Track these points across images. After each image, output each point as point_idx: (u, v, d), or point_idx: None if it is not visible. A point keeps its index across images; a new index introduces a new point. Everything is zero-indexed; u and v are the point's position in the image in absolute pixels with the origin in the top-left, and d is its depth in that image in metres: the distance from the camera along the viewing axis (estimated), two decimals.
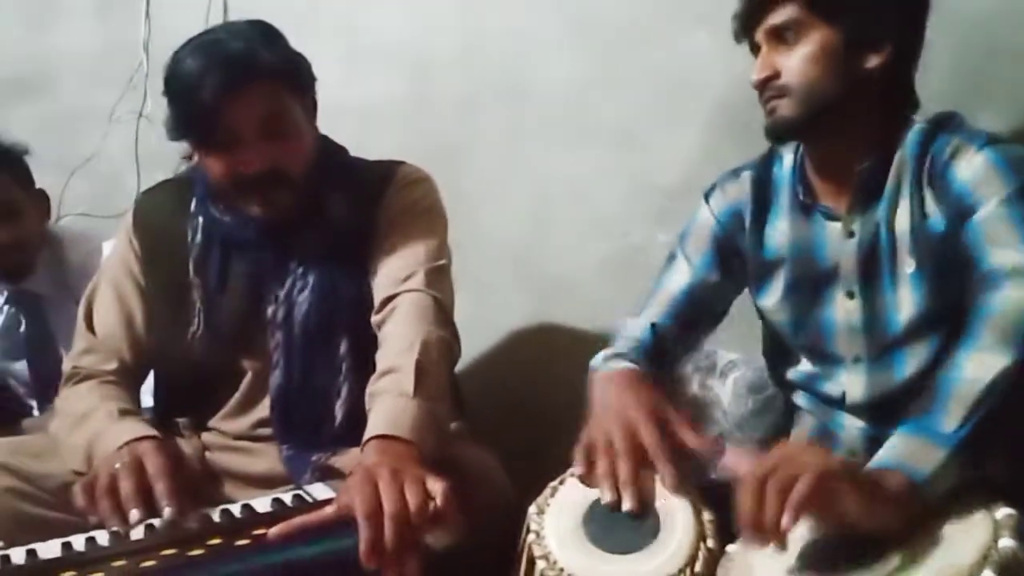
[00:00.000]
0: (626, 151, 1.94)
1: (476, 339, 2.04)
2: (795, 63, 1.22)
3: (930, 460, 0.99)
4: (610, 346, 1.38)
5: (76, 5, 2.34)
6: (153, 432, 1.35)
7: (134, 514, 1.19)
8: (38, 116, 2.37)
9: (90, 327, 1.51)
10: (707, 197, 1.43)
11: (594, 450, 1.15)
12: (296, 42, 1.46)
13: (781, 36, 1.23)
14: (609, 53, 1.93)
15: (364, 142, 1.58)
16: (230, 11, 2.15)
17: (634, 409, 1.16)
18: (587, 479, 1.14)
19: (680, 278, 1.41)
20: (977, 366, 1.02)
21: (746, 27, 1.27)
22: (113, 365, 1.48)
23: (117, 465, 1.25)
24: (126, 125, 2.24)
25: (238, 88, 1.33)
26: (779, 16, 1.22)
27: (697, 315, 1.41)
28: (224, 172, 1.39)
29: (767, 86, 1.24)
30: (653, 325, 1.38)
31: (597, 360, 1.35)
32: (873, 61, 1.22)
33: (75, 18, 2.33)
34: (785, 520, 0.93)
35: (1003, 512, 0.97)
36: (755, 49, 1.28)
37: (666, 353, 1.39)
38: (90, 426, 1.37)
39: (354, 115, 2.07)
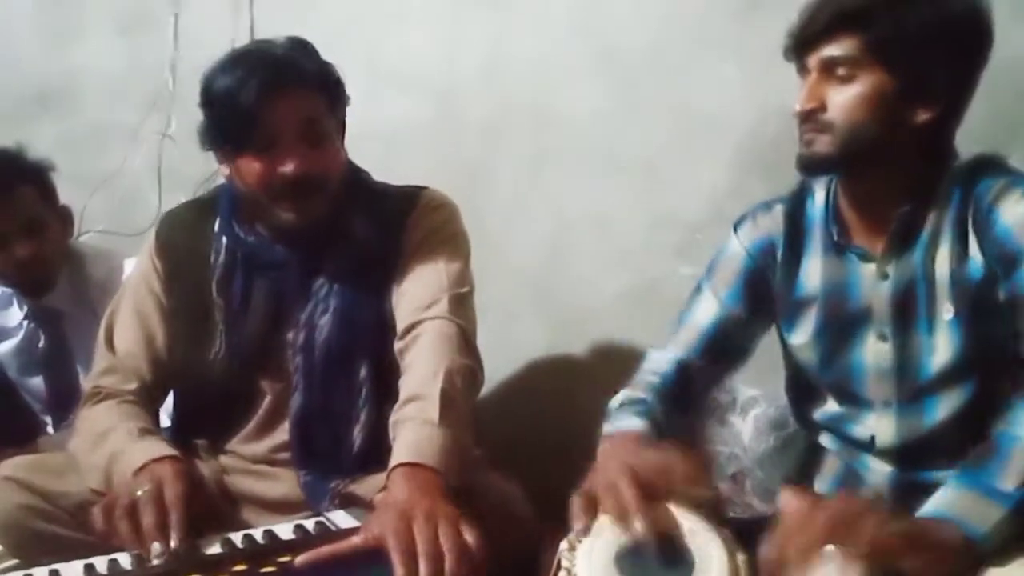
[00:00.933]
0: (648, 183, 1.94)
1: (492, 367, 2.02)
2: (843, 100, 1.18)
3: (988, 517, 0.98)
4: (631, 380, 1.35)
5: (102, 23, 2.36)
6: (173, 452, 1.34)
7: (155, 547, 1.18)
8: (61, 132, 2.38)
9: (111, 346, 1.51)
10: (736, 228, 1.39)
11: (595, 495, 1.10)
12: None
13: (833, 69, 1.19)
14: (634, 84, 1.94)
15: (387, 166, 1.59)
16: (256, 33, 2.17)
17: (635, 460, 1.11)
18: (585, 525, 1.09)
19: (707, 312, 1.37)
20: None
21: (799, 49, 1.23)
22: (134, 385, 1.47)
23: (139, 493, 1.24)
24: (149, 144, 2.25)
25: (279, 90, 1.34)
26: (837, 49, 1.18)
27: (724, 350, 1.38)
28: (261, 174, 1.38)
29: (810, 117, 1.21)
30: (679, 360, 1.35)
31: (614, 403, 1.32)
32: (923, 115, 1.18)
33: (101, 36, 2.35)
34: None
35: None
36: (801, 70, 1.24)
37: (690, 389, 1.36)
38: (109, 445, 1.36)
39: (378, 139, 2.08)
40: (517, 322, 2.09)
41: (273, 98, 1.34)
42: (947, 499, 1.00)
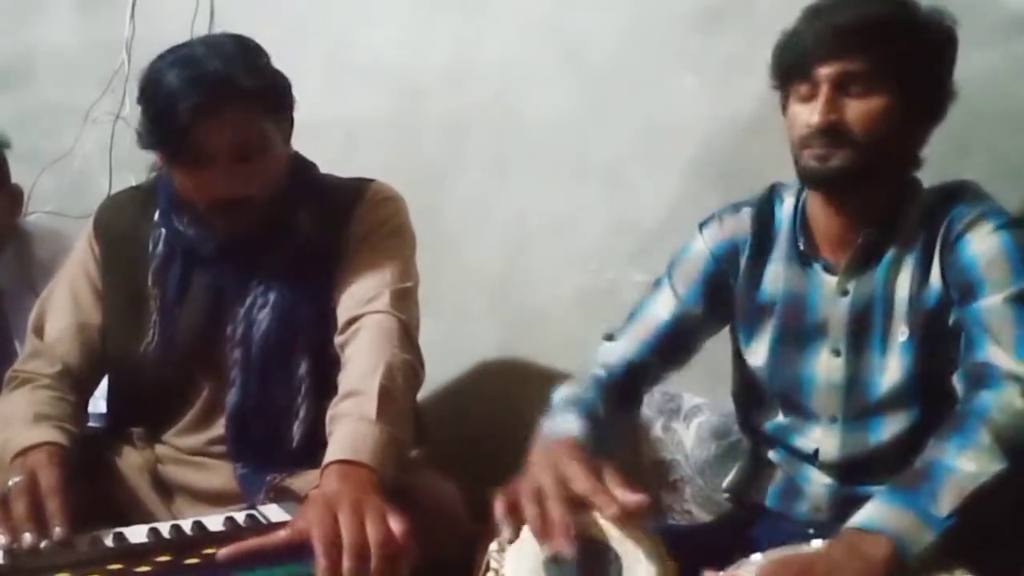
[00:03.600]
0: (608, 188, 1.94)
1: (444, 367, 2.02)
2: (863, 114, 1.18)
3: (921, 539, 0.99)
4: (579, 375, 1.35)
5: (60, 0, 2.31)
6: (54, 438, 1.30)
7: (26, 538, 1.14)
8: (13, 109, 2.32)
9: (40, 331, 1.48)
10: (702, 228, 1.38)
11: (519, 499, 1.08)
12: (283, 54, 1.44)
13: (847, 85, 1.18)
14: (598, 90, 1.94)
15: (346, 160, 1.57)
16: (216, 17, 2.13)
17: (566, 468, 1.09)
18: (511, 529, 1.07)
19: (664, 308, 1.37)
20: (972, 463, 1.02)
21: (806, 64, 1.20)
22: (55, 369, 1.43)
23: (10, 483, 1.21)
24: (102, 125, 2.21)
25: (213, 110, 1.30)
26: (855, 64, 1.17)
27: (675, 348, 1.37)
28: (190, 191, 1.37)
29: (828, 131, 1.19)
30: (629, 354, 1.34)
31: (557, 396, 1.31)
32: (920, 127, 1.22)
33: (58, 13, 2.30)
34: None
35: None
36: (792, 85, 1.23)
37: (636, 385, 1.36)
38: (6, 431, 1.33)
39: (338, 131, 2.06)
40: (471, 323, 2.08)
41: (206, 118, 1.30)
42: (882, 514, 1.01)
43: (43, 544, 1.14)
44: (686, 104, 1.84)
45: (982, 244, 1.17)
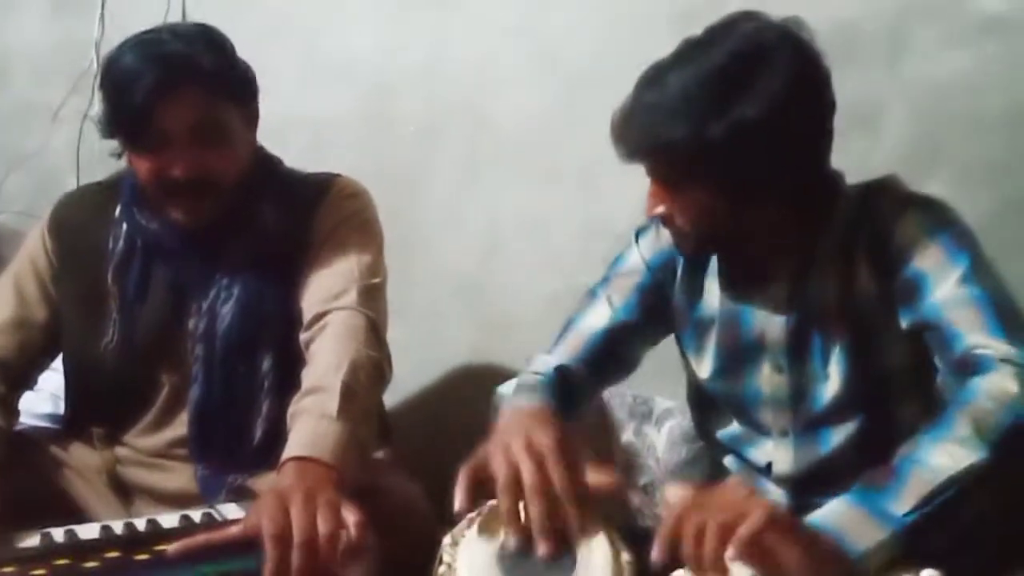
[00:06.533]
0: (582, 190, 1.94)
1: (416, 370, 2.00)
2: (683, 210, 1.15)
3: (869, 537, 0.95)
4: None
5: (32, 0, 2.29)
6: None
7: None
8: None
9: None
10: (638, 237, 1.35)
11: (487, 477, 1.05)
12: (255, 53, 1.43)
13: (662, 179, 1.16)
14: (572, 91, 1.93)
15: (317, 159, 1.56)
16: (188, 17, 2.12)
17: (540, 438, 1.06)
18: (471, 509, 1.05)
19: (597, 320, 1.32)
20: (943, 456, 0.98)
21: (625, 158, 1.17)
22: None
23: None
24: (70, 125, 2.19)
25: (171, 90, 1.29)
26: (652, 169, 1.16)
27: (609, 360, 1.33)
28: (150, 174, 1.35)
29: (663, 222, 1.19)
30: (559, 367, 1.27)
31: (505, 388, 1.28)
32: (765, 206, 1.15)
33: (29, 13, 2.28)
34: (730, 553, 0.90)
35: (928, 573, 0.95)
36: None
37: (571, 396, 1.28)
38: None
39: (309, 130, 2.05)
40: (444, 326, 2.06)
41: (164, 99, 1.29)
42: (832, 512, 0.98)
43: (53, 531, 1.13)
44: None
45: (909, 236, 1.13)
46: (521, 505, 1.03)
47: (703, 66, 1.10)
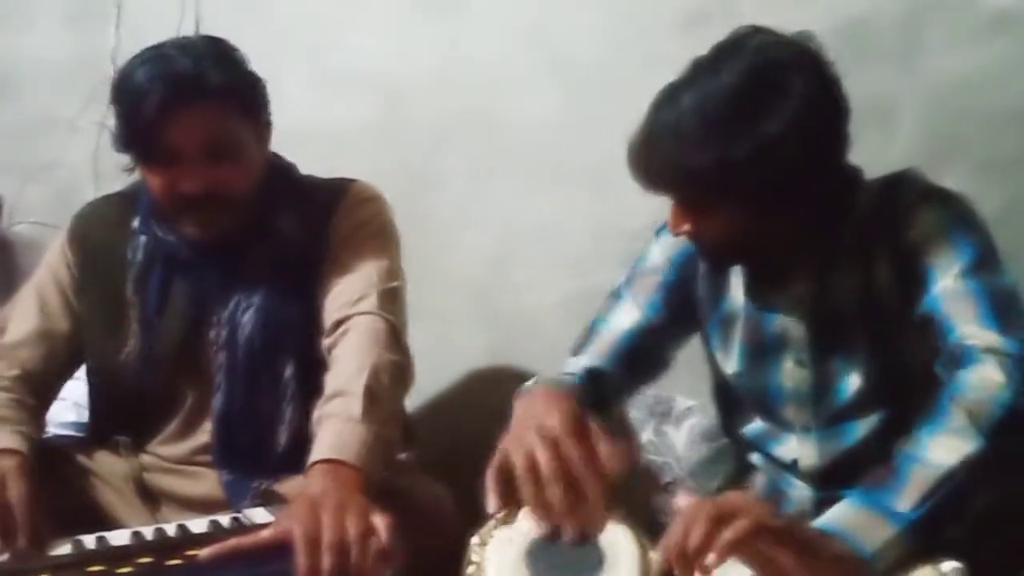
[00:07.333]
0: (595, 192, 1.94)
1: (432, 373, 2.01)
2: (709, 229, 1.17)
3: (878, 536, 0.96)
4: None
5: (47, 11, 2.30)
6: (14, 445, 1.30)
7: None
8: (2, 120, 2.32)
9: (1, 334, 1.46)
10: (659, 235, 1.34)
11: (513, 473, 1.07)
12: (268, 62, 1.44)
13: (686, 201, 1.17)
14: (583, 94, 1.94)
15: (332, 166, 1.56)
16: (202, 27, 2.13)
17: (552, 421, 1.07)
18: (506, 507, 1.07)
19: (625, 320, 1.32)
20: (941, 449, 0.99)
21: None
22: (14, 372, 1.41)
23: None
24: (87, 135, 2.20)
25: (182, 106, 1.30)
26: (675, 198, 1.17)
27: (640, 361, 1.33)
28: (163, 190, 1.35)
29: (688, 237, 1.20)
30: (591, 369, 1.28)
31: (528, 385, 1.28)
32: (788, 213, 1.16)
33: (45, 24, 2.30)
34: (710, 558, 0.90)
35: (950, 566, 0.96)
36: None
37: (603, 397, 1.29)
38: None
39: (322, 139, 2.05)
40: (457, 329, 2.07)
41: (175, 115, 1.29)
42: (840, 514, 0.99)
43: (3, 556, 1.13)
44: None
45: (923, 231, 1.14)
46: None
47: (717, 87, 1.10)
